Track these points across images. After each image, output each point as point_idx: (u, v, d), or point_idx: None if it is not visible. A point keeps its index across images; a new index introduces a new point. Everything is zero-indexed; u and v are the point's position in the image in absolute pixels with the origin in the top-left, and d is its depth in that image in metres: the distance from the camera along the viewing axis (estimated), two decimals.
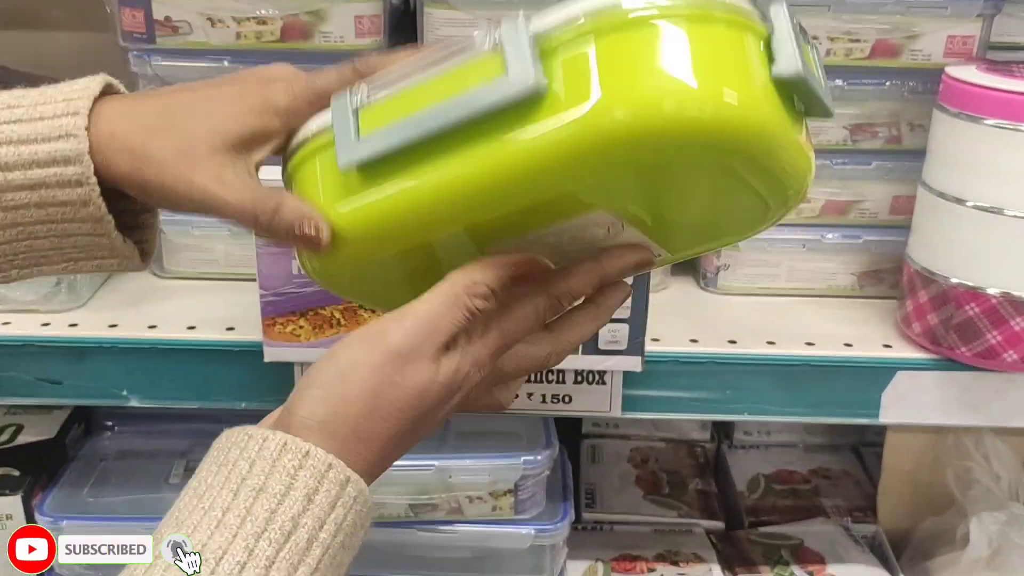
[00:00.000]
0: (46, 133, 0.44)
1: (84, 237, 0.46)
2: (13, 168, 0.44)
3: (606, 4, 0.38)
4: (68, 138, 0.44)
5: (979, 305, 0.69)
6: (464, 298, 0.43)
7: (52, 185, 0.44)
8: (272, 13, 0.75)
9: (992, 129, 0.66)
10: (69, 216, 0.45)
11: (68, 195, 0.45)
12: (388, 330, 0.42)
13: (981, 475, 0.93)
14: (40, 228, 0.46)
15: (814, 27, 0.75)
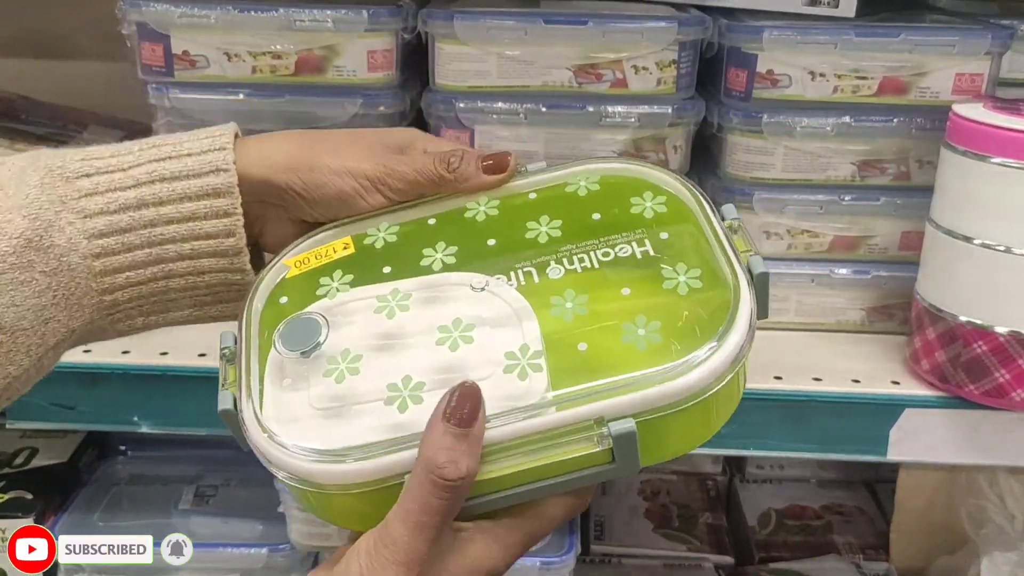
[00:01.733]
0: (196, 168, 0.47)
1: (218, 275, 0.49)
2: (167, 203, 0.47)
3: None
4: (219, 172, 0.47)
5: (987, 343, 0.69)
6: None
7: (201, 217, 0.47)
8: (287, 48, 0.76)
9: (999, 168, 0.66)
10: (211, 249, 0.48)
11: (215, 226, 0.47)
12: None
13: (995, 514, 0.92)
14: (180, 265, 0.48)
15: (821, 64, 0.75)
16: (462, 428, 0.39)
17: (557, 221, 0.48)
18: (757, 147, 0.78)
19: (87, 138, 0.85)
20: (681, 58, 0.77)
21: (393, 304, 0.45)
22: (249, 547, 0.87)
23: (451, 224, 0.49)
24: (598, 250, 0.46)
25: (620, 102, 0.77)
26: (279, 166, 0.49)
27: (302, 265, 0.49)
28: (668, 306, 0.43)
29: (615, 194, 0.49)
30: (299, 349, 0.44)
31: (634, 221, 0.47)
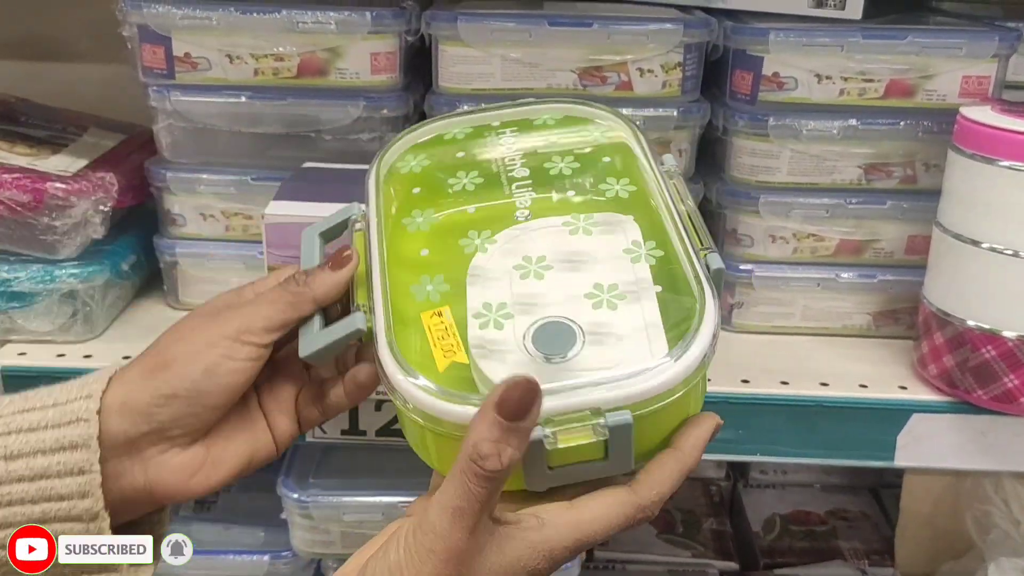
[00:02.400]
0: (57, 419, 0.43)
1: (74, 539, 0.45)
2: (18, 457, 0.43)
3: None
4: (78, 423, 0.43)
5: (995, 348, 0.68)
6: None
7: (53, 475, 0.43)
8: (289, 50, 0.76)
9: (1007, 170, 0.65)
10: (63, 514, 0.43)
11: (67, 486, 0.43)
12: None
13: (1000, 520, 0.92)
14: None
15: (827, 67, 0.75)
16: (511, 421, 0.38)
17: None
18: (763, 150, 0.78)
19: (88, 141, 0.84)
20: (686, 60, 0.76)
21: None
22: (251, 554, 0.87)
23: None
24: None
25: (625, 105, 0.77)
26: (139, 387, 0.45)
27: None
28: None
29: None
30: (551, 353, 0.44)
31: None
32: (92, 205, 0.76)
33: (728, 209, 0.80)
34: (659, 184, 0.52)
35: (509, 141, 0.57)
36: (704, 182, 0.81)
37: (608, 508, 0.42)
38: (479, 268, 0.48)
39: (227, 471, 0.48)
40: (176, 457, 0.46)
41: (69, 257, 0.76)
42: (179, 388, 0.45)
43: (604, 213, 0.50)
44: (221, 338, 0.46)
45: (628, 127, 0.58)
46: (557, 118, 0.59)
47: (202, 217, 0.80)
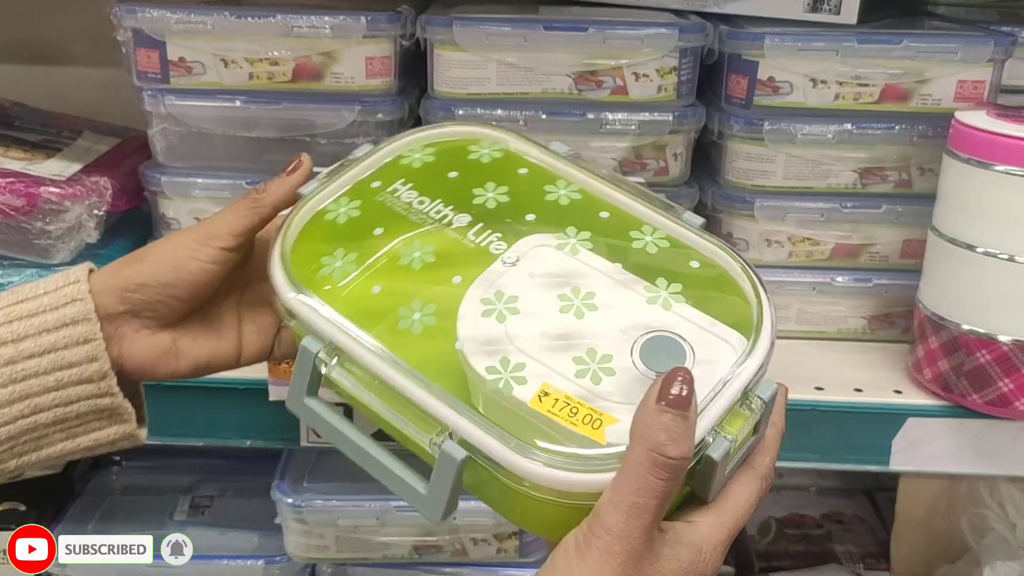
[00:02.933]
0: (53, 303, 0.49)
1: (86, 402, 0.49)
2: (25, 338, 0.48)
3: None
4: (75, 303, 0.49)
5: (990, 352, 0.68)
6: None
7: (61, 347, 0.48)
8: (284, 54, 0.75)
9: (1002, 175, 0.65)
10: (75, 378, 0.48)
11: (76, 354, 0.48)
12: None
13: (996, 523, 0.92)
14: (46, 398, 0.48)
15: (823, 71, 0.75)
16: (680, 410, 0.39)
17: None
18: (758, 154, 0.78)
19: (82, 145, 0.84)
20: (682, 65, 0.76)
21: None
22: (245, 559, 0.86)
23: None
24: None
25: (620, 109, 0.77)
26: (114, 272, 0.51)
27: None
28: None
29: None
30: (657, 368, 0.43)
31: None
32: (86, 209, 0.76)
33: (723, 213, 0.80)
34: (580, 172, 0.52)
35: (409, 195, 0.52)
36: (700, 186, 0.81)
37: (740, 489, 0.43)
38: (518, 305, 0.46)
39: (187, 364, 0.52)
40: (146, 338, 0.51)
41: (63, 261, 0.76)
42: (149, 278, 0.50)
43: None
44: (190, 240, 0.51)
45: (498, 132, 0.56)
46: (430, 150, 0.56)
47: (196, 221, 0.80)
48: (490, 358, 0.43)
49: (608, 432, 0.41)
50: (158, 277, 0.50)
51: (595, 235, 0.49)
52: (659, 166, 0.79)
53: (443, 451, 0.41)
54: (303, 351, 0.45)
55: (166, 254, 0.51)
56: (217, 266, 0.51)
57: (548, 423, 0.41)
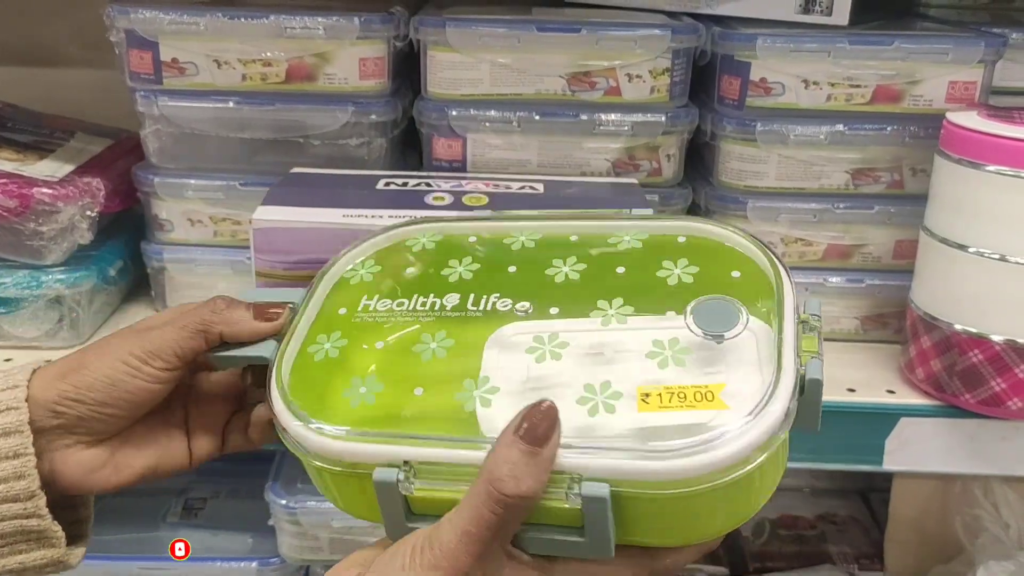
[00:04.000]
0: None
1: (12, 522, 0.46)
2: None
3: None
4: (8, 411, 0.45)
5: (983, 352, 0.68)
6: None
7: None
8: (277, 55, 0.75)
9: (993, 176, 0.66)
10: (0, 495, 0.45)
11: (3, 470, 0.45)
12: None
13: (990, 523, 0.92)
14: None
15: (815, 72, 0.75)
16: (532, 447, 0.38)
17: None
18: (750, 155, 0.78)
19: (74, 146, 0.84)
20: (675, 66, 0.77)
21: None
22: (239, 561, 0.86)
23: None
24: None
25: (614, 110, 0.77)
26: (51, 380, 0.47)
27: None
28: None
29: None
30: (715, 332, 0.43)
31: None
32: (79, 210, 0.76)
33: (716, 214, 0.80)
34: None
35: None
36: (692, 187, 0.81)
37: (620, 567, 0.41)
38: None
39: (129, 475, 0.50)
40: (78, 453, 0.48)
41: (56, 263, 0.75)
42: (83, 395, 0.47)
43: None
44: (130, 355, 0.47)
45: (421, 224, 0.55)
46: (370, 263, 0.53)
47: (190, 222, 0.80)
48: (576, 390, 0.42)
49: (723, 397, 0.40)
50: (92, 395, 0.47)
51: (579, 258, 0.49)
52: (652, 167, 0.79)
53: (586, 497, 0.38)
54: (381, 486, 0.40)
55: (103, 368, 0.47)
56: (159, 385, 0.48)
57: (661, 424, 0.40)
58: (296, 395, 0.44)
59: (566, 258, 0.49)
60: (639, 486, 0.38)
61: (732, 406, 0.40)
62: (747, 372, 0.41)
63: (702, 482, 0.38)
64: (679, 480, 0.38)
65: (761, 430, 0.38)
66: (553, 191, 0.73)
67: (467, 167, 0.78)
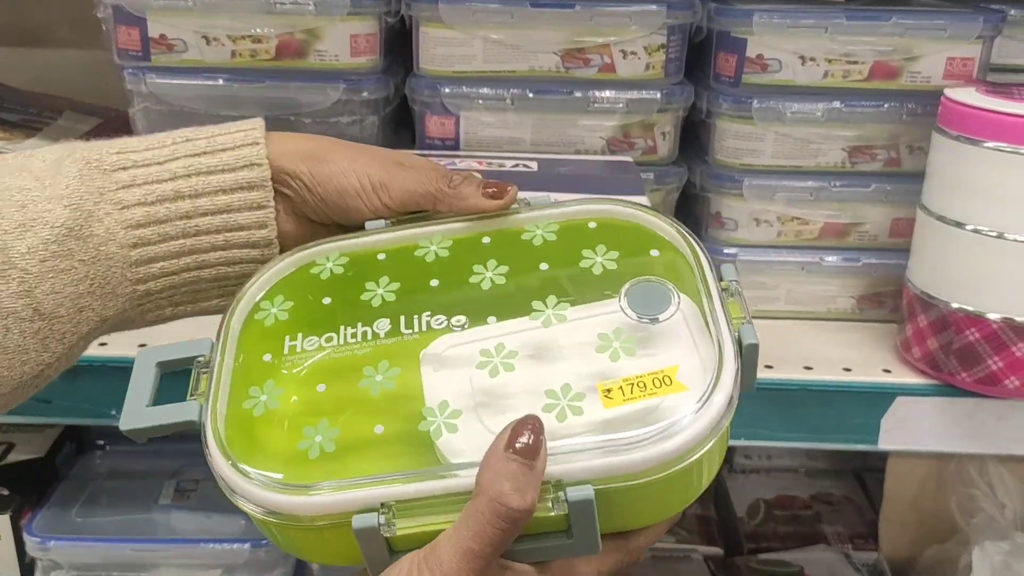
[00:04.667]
0: (231, 163, 0.49)
1: (248, 265, 0.50)
2: (202, 195, 0.48)
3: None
4: (252, 167, 0.49)
5: (980, 330, 0.68)
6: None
7: (235, 210, 0.49)
8: (267, 31, 0.74)
9: (992, 152, 0.65)
10: (243, 241, 0.49)
11: (247, 218, 0.49)
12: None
13: (985, 503, 0.92)
14: (212, 256, 0.49)
15: (812, 49, 0.74)
16: (528, 460, 0.38)
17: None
18: (747, 133, 0.77)
19: (62, 125, 0.83)
20: (670, 42, 0.76)
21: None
22: (231, 542, 0.86)
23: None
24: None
25: (608, 87, 0.76)
26: (293, 154, 0.50)
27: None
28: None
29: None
30: (651, 314, 0.44)
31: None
32: None
33: (712, 193, 0.79)
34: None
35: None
36: (688, 165, 0.81)
37: (603, 557, 0.42)
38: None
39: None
40: (290, 224, 0.51)
41: None
42: (314, 186, 0.50)
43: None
44: (368, 178, 0.50)
45: (322, 245, 0.51)
46: (279, 297, 0.50)
47: None
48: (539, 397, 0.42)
49: (679, 379, 0.41)
50: (320, 190, 0.50)
51: (499, 260, 0.48)
52: (647, 145, 0.78)
53: (572, 502, 0.38)
54: (362, 532, 0.39)
55: (341, 177, 0.50)
56: (373, 216, 0.50)
57: (628, 415, 0.40)
58: (248, 459, 0.41)
59: (486, 262, 0.48)
60: (617, 480, 0.39)
61: (690, 386, 0.41)
62: (688, 349, 0.42)
63: (678, 462, 0.39)
64: (654, 466, 0.39)
65: (720, 403, 0.40)
66: (547, 169, 0.72)
67: (460, 145, 0.78)
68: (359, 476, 0.40)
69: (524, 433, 0.38)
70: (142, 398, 0.46)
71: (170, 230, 0.48)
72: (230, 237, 0.49)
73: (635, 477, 0.39)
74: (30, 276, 0.45)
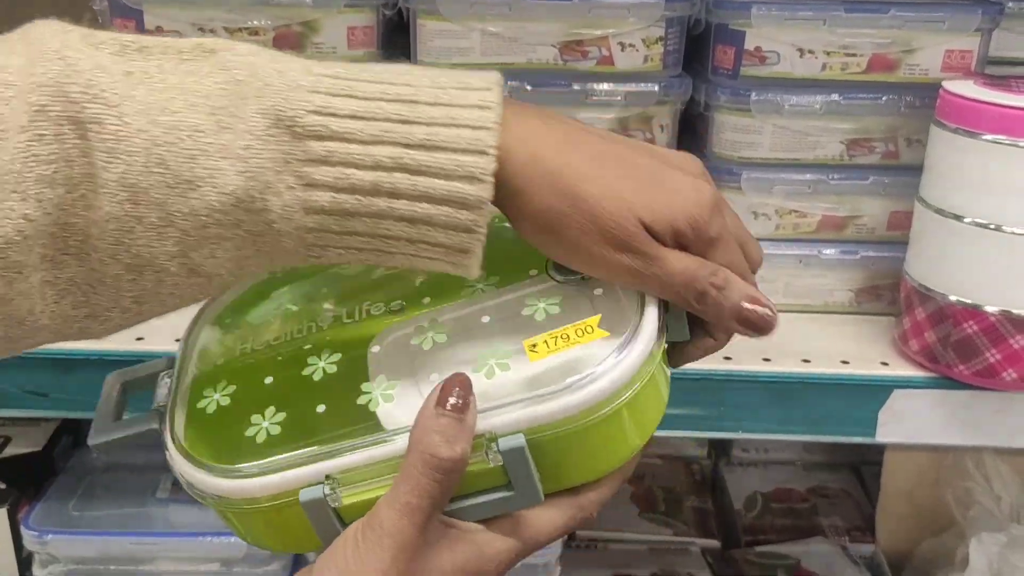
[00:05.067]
0: (448, 168, 0.38)
1: (438, 263, 0.41)
2: (402, 196, 0.39)
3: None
4: (472, 181, 0.38)
5: (978, 323, 0.68)
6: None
7: (438, 225, 0.39)
8: (264, 23, 0.74)
9: (990, 144, 0.65)
10: (436, 256, 0.40)
11: (449, 239, 0.39)
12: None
13: (981, 496, 0.92)
14: (398, 259, 0.41)
15: (810, 41, 0.74)
16: (457, 414, 0.38)
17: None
18: (745, 125, 0.77)
19: None
20: (668, 35, 0.75)
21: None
22: (229, 536, 0.86)
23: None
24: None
25: (606, 80, 0.76)
26: (536, 202, 0.40)
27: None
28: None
29: None
30: (573, 274, 0.44)
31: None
32: None
33: None
34: None
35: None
36: None
37: (551, 513, 0.42)
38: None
39: None
40: None
41: None
42: (535, 226, 0.41)
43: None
44: (600, 263, 0.41)
45: None
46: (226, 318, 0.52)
47: None
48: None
49: (601, 327, 0.42)
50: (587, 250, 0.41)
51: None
52: (645, 138, 0.78)
53: (504, 452, 0.39)
54: (310, 505, 0.40)
55: (564, 241, 0.41)
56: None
57: (554, 366, 0.41)
58: (198, 450, 0.43)
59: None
60: (545, 429, 0.40)
61: (611, 331, 0.41)
62: (612, 299, 0.43)
63: (600, 407, 0.40)
64: (578, 414, 0.40)
65: (641, 348, 0.40)
66: None
67: None
68: (302, 452, 0.41)
69: (453, 391, 0.39)
70: (107, 415, 0.48)
71: (356, 226, 0.39)
72: (422, 250, 0.40)
73: (561, 425, 0.40)
74: (189, 239, 0.39)
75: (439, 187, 0.38)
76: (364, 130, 0.38)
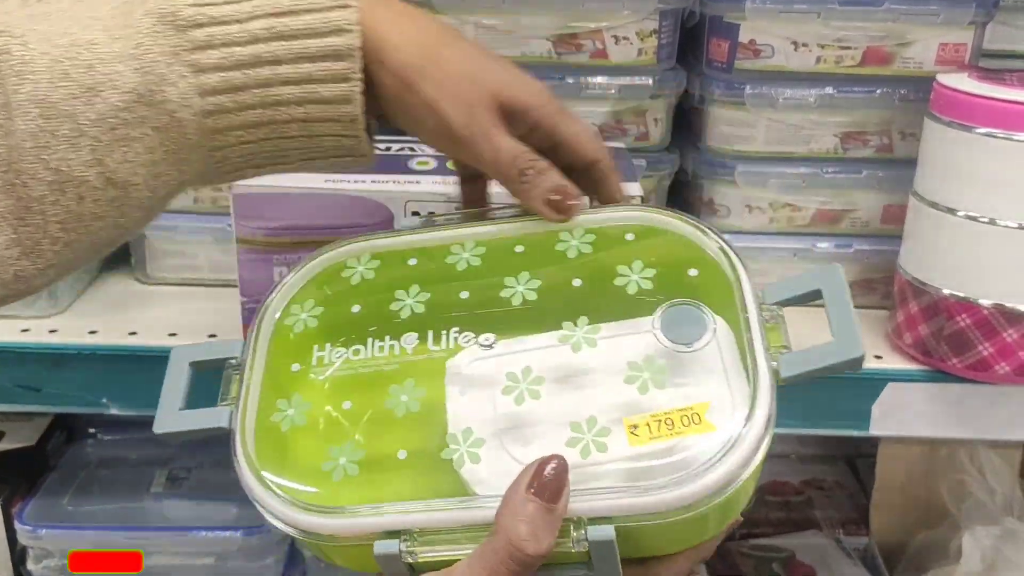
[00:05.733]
0: (317, 27, 0.44)
1: (331, 138, 0.47)
2: (283, 62, 0.44)
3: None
4: (340, 33, 0.44)
5: (971, 316, 0.68)
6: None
7: (318, 80, 0.44)
8: None
9: (984, 138, 0.65)
10: (325, 115, 0.45)
11: (331, 91, 0.45)
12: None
13: (975, 488, 0.92)
14: (292, 127, 0.46)
15: (804, 34, 0.74)
16: (548, 503, 0.38)
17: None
18: (739, 119, 0.77)
19: None
20: (662, 28, 0.75)
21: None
22: (224, 530, 0.86)
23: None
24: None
25: (600, 73, 0.76)
26: (395, 41, 0.46)
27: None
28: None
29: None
30: (685, 341, 0.42)
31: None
32: None
33: (704, 179, 0.79)
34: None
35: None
36: (680, 152, 0.80)
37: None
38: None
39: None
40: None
41: None
42: (399, 95, 0.46)
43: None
44: (448, 126, 0.47)
45: (350, 244, 0.51)
46: (308, 302, 0.49)
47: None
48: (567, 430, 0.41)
49: (708, 417, 0.40)
50: (397, 111, 0.48)
51: (531, 274, 0.46)
52: (640, 131, 0.78)
53: (592, 542, 0.38)
54: (383, 558, 0.40)
55: (425, 109, 0.46)
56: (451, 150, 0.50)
57: (653, 454, 0.40)
58: (274, 473, 0.42)
59: (518, 275, 0.46)
60: (639, 519, 0.38)
61: (718, 425, 0.40)
62: (720, 381, 0.41)
63: (699, 505, 0.38)
64: (676, 509, 0.38)
65: (750, 443, 0.39)
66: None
67: None
68: (382, 502, 0.40)
69: (547, 473, 0.38)
70: (175, 400, 0.47)
71: (248, 99, 0.44)
72: (311, 110, 0.45)
73: (656, 517, 0.38)
74: (101, 145, 0.42)
75: (312, 45, 0.44)
76: (239, 10, 0.44)
